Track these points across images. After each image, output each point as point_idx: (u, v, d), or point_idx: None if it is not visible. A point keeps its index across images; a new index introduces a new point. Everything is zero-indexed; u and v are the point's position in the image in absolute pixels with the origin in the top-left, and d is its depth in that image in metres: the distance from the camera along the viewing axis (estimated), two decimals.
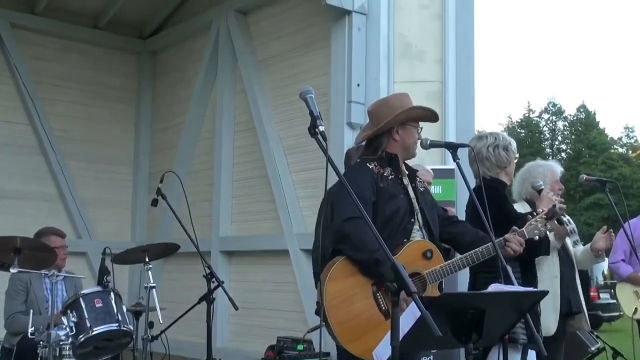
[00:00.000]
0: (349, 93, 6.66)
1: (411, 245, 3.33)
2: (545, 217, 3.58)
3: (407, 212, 3.41)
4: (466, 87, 6.70)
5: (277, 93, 7.98)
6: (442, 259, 3.37)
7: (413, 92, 6.15)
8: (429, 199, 3.65)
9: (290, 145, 7.70)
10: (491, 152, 4.23)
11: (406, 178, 3.58)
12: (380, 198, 3.36)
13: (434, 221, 3.56)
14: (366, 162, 3.50)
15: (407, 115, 3.54)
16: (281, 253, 7.56)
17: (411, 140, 3.54)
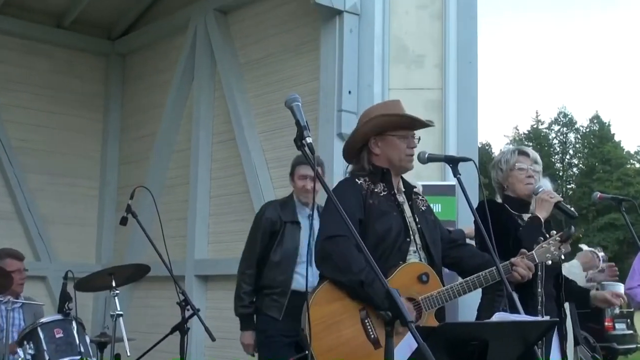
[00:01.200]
0: (340, 101, 6.67)
1: (405, 267, 3.33)
2: (559, 239, 3.59)
3: (401, 232, 3.42)
4: (469, 95, 6.73)
5: (260, 100, 7.98)
6: (439, 284, 3.37)
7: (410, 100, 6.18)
8: (431, 219, 3.66)
9: (275, 158, 7.70)
10: (493, 175, 4.37)
11: (402, 195, 3.59)
12: (369, 216, 3.36)
13: (436, 243, 3.57)
14: (355, 178, 3.51)
15: (377, 125, 3.55)
16: None
17: (394, 152, 3.55)
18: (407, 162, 3.58)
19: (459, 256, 3.66)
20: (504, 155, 4.41)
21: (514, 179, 4.32)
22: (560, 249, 3.60)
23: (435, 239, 3.60)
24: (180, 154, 8.97)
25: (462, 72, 6.74)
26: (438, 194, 6.03)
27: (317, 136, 6.73)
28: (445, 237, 3.72)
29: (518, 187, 4.31)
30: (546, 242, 3.60)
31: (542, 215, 4.13)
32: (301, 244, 5.01)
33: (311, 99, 6.97)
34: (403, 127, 3.57)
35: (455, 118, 6.65)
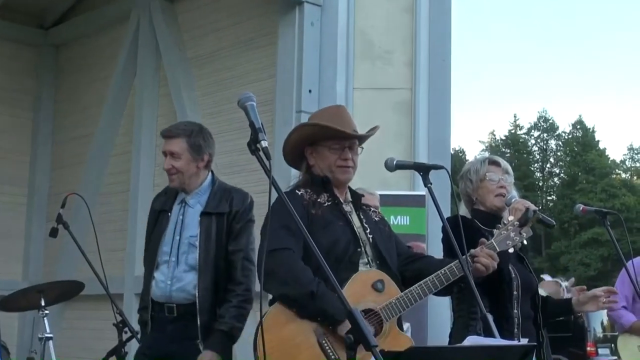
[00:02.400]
0: (299, 101, 6.68)
1: (357, 277, 3.36)
2: (518, 223, 3.65)
3: (350, 243, 3.46)
4: (441, 96, 6.78)
5: (210, 99, 7.96)
6: (396, 289, 3.40)
7: (377, 101, 6.22)
8: (385, 230, 3.70)
9: (226, 164, 7.67)
10: (462, 187, 4.41)
11: (348, 205, 3.63)
12: (312, 227, 3.38)
13: (391, 254, 3.60)
14: (295, 189, 3.56)
15: (302, 135, 3.64)
16: None
17: (324, 163, 3.61)
18: (339, 173, 3.62)
19: (419, 268, 3.69)
20: (473, 165, 4.45)
21: (485, 191, 4.36)
22: (521, 234, 3.66)
23: (391, 251, 3.63)
24: (119, 158, 8.90)
25: (434, 71, 6.80)
26: (406, 205, 6.07)
27: (274, 140, 6.71)
28: (404, 252, 3.75)
29: (489, 199, 4.35)
30: (504, 228, 3.65)
31: None
32: (165, 239, 4.32)
33: (267, 99, 6.97)
34: (334, 138, 3.60)
35: (426, 121, 6.70)
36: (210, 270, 4.19)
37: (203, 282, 4.16)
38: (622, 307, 6.36)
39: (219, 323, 4.11)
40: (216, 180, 4.48)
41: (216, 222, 4.27)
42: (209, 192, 4.39)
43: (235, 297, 4.18)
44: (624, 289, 6.33)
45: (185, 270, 4.21)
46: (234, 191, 4.45)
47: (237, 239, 4.30)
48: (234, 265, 4.24)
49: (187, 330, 4.12)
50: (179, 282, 4.19)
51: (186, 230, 4.27)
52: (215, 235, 4.24)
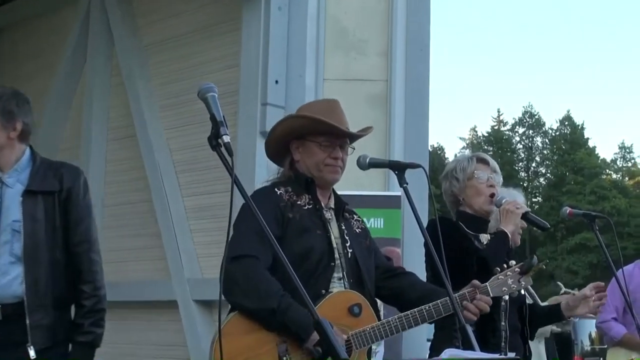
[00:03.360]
0: (264, 93, 6.67)
1: (334, 296, 3.36)
2: (518, 270, 3.64)
3: (324, 254, 3.44)
4: (419, 88, 6.80)
5: (167, 90, 7.92)
6: (373, 317, 3.40)
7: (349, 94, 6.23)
8: (366, 243, 3.69)
9: (184, 160, 7.65)
10: (446, 186, 4.41)
11: (330, 211, 3.62)
12: (287, 232, 3.38)
13: (369, 271, 3.60)
14: (275, 186, 3.54)
15: (291, 127, 3.64)
16: (167, 305, 7.48)
17: (311, 160, 3.60)
18: (327, 173, 3.62)
19: (398, 287, 3.69)
20: (460, 163, 4.47)
21: (473, 191, 4.38)
22: (520, 282, 3.64)
23: (369, 268, 3.62)
24: (66, 153, 8.82)
25: (411, 62, 6.82)
26: (381, 207, 6.08)
27: (237, 134, 6.71)
28: (382, 265, 3.75)
29: (477, 201, 4.37)
30: (503, 273, 3.64)
31: (508, 229, 4.20)
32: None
33: (230, 90, 6.95)
34: (325, 134, 3.60)
35: (403, 116, 6.72)
36: (41, 261, 3.82)
37: (31, 275, 3.78)
38: (612, 318, 6.42)
39: (79, 334, 3.88)
40: (37, 155, 4.05)
41: (43, 203, 3.86)
42: (30, 168, 3.97)
43: (88, 300, 3.90)
44: (614, 299, 6.38)
45: (10, 262, 3.81)
46: (63, 166, 4.05)
47: (78, 226, 3.94)
48: (79, 260, 3.93)
49: (13, 335, 3.75)
50: (3, 277, 3.80)
51: (6, 214, 3.84)
52: (44, 219, 3.84)
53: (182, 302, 7.34)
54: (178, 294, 7.38)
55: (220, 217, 6.96)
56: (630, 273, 6.41)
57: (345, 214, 3.74)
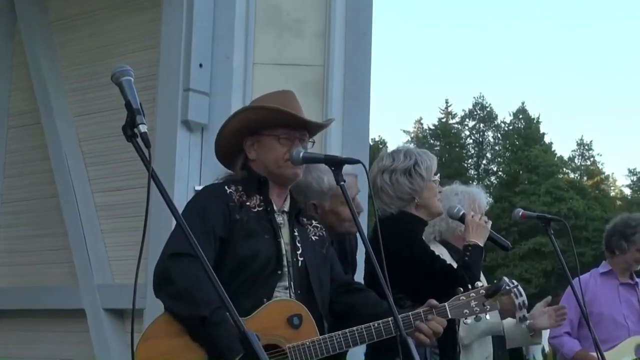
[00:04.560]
0: (187, 77, 6.64)
1: (272, 305, 3.37)
2: (484, 293, 3.63)
3: (270, 260, 3.45)
4: (359, 75, 6.83)
5: (77, 72, 7.86)
6: (315, 330, 3.41)
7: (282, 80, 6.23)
8: (322, 252, 3.69)
9: (95, 152, 7.59)
10: (386, 180, 4.35)
11: (282, 215, 3.62)
12: (233, 234, 3.38)
13: (322, 283, 3.61)
14: (226, 184, 3.54)
15: (246, 120, 3.62)
16: (73, 314, 7.42)
17: (269, 157, 3.62)
18: (287, 169, 3.63)
19: (350, 303, 3.71)
20: (421, 157, 4.42)
21: (432, 193, 4.39)
22: (485, 306, 3.61)
23: (323, 279, 3.63)
24: None
25: (351, 46, 6.84)
26: None
27: (155, 123, 6.68)
28: (338, 278, 3.76)
29: (434, 203, 4.38)
30: (466, 294, 3.63)
31: (482, 242, 4.23)
32: None
33: (148, 73, 6.91)
34: (284, 126, 3.61)
35: (341, 105, 6.74)
36: None
37: None
38: (565, 333, 6.52)
39: None
40: None
41: None
42: None
43: None
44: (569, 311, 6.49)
45: None
46: None
47: None
48: None
49: None
50: None
51: None
52: None
53: (91, 311, 7.28)
54: (86, 302, 7.31)
55: (135, 215, 6.91)
56: (586, 282, 6.53)
57: (302, 219, 3.76)
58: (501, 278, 3.69)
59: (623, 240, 6.62)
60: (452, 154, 58.64)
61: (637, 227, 6.63)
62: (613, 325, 6.51)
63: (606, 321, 6.49)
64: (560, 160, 59.45)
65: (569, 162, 61.23)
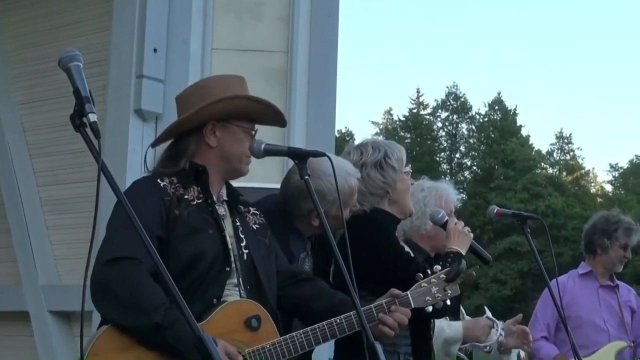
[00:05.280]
0: (140, 63, 6.62)
1: (228, 307, 3.36)
2: (445, 277, 3.67)
3: (218, 257, 3.44)
4: (325, 62, 6.83)
5: (22, 56, 7.81)
6: (275, 332, 3.42)
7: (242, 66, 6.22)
8: (265, 242, 3.69)
9: (41, 142, 7.56)
10: (375, 175, 4.36)
11: (223, 205, 3.61)
12: (174, 233, 3.36)
13: (270, 277, 3.61)
14: (158, 177, 3.51)
15: (227, 107, 3.60)
16: (16, 317, 7.38)
17: (237, 148, 3.60)
18: (246, 165, 3.68)
19: (301, 296, 3.71)
20: (391, 148, 4.41)
21: (404, 186, 4.38)
22: (446, 291, 3.66)
23: (270, 272, 3.63)
24: None
25: (316, 30, 6.84)
26: None
27: (105, 112, 6.65)
28: (284, 269, 3.75)
29: (406, 199, 4.38)
30: (427, 281, 3.65)
31: (463, 251, 4.24)
32: None
33: (98, 58, 6.89)
34: (250, 118, 3.62)
35: (305, 94, 6.74)
36: None
37: None
38: (542, 337, 6.56)
39: None
40: None
41: None
42: None
43: None
44: (545, 314, 6.54)
45: None
46: None
47: None
48: None
49: None
50: None
51: None
52: None
53: (35, 314, 7.25)
54: (30, 304, 7.28)
55: (84, 211, 6.89)
56: (564, 284, 6.56)
57: (240, 207, 3.73)
58: (460, 260, 3.74)
59: (605, 237, 6.64)
60: (423, 146, 58.81)
61: (619, 222, 6.66)
62: (592, 329, 6.54)
63: (585, 325, 6.52)
64: (538, 155, 59.76)
65: (547, 156, 61.57)
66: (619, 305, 6.68)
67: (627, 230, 6.64)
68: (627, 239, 6.63)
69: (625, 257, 6.71)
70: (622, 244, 6.62)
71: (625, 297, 6.79)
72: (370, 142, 4.43)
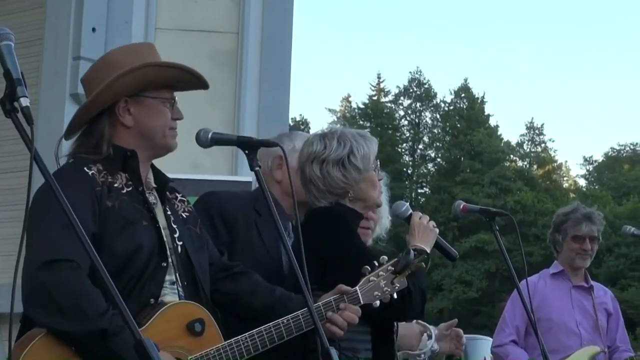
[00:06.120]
0: (77, 43, 6.59)
1: (169, 310, 3.34)
2: (392, 269, 3.68)
3: (154, 252, 3.40)
4: (279, 45, 6.83)
5: None
6: (219, 336, 3.41)
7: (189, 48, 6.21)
8: (196, 232, 3.67)
9: None
10: (316, 172, 4.25)
11: (153, 193, 3.57)
12: (106, 227, 3.32)
13: (202, 270, 3.59)
14: (84, 164, 3.45)
15: (137, 78, 3.52)
16: None
17: (157, 122, 3.54)
18: (171, 138, 3.60)
19: (238, 291, 3.69)
20: (358, 143, 4.28)
21: (370, 184, 4.32)
22: (394, 285, 3.67)
23: (203, 265, 3.60)
24: None
25: (270, 10, 6.84)
26: None
27: (39, 96, 6.61)
28: (216, 261, 3.73)
29: (372, 195, 4.35)
30: (375, 274, 3.66)
31: (428, 248, 4.23)
32: None
33: (32, 37, 6.84)
34: (167, 87, 3.58)
35: (257, 79, 6.74)
36: None
37: None
38: (511, 341, 6.59)
39: None
40: None
41: None
42: None
43: None
44: (514, 317, 6.58)
45: None
46: None
47: None
48: None
49: None
50: None
51: None
52: None
53: None
54: None
55: (15, 203, 6.84)
56: (534, 285, 6.58)
57: (167, 194, 3.68)
58: (408, 250, 3.73)
59: (557, 233, 6.67)
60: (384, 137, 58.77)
61: (570, 213, 6.63)
62: (564, 332, 6.56)
63: (556, 328, 6.54)
64: (507, 146, 60.09)
65: (516, 148, 61.91)
66: (593, 307, 6.69)
67: (575, 221, 6.63)
68: (575, 230, 6.61)
69: (583, 250, 6.66)
70: (571, 235, 6.57)
71: (600, 299, 6.80)
72: (337, 134, 4.23)
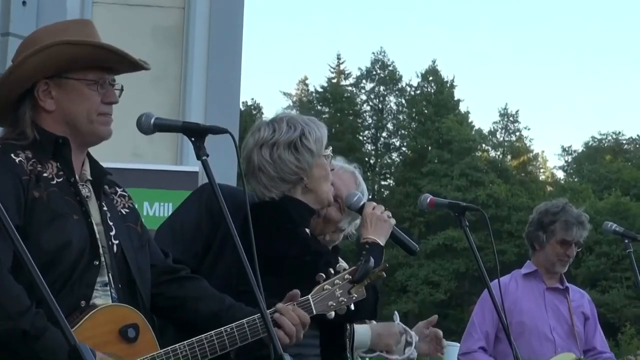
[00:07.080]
0: (6, 18, 6.57)
1: (100, 313, 3.33)
2: (350, 278, 3.69)
3: (84, 250, 3.39)
4: (228, 22, 6.84)
5: None
6: (154, 343, 3.41)
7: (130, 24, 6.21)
8: (136, 230, 3.66)
9: None
10: (266, 157, 4.26)
11: (87, 185, 3.56)
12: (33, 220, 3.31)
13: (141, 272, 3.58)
14: (11, 151, 3.42)
15: (49, 58, 3.47)
16: None
17: (81, 107, 3.50)
18: (101, 125, 3.55)
19: (180, 296, 3.68)
20: (309, 127, 4.31)
21: (322, 172, 4.34)
22: (351, 295, 3.68)
23: (143, 266, 3.59)
24: None
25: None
26: (170, 187, 6.08)
27: None
28: (159, 263, 3.72)
29: (324, 187, 4.36)
30: (330, 282, 3.67)
31: (382, 241, 4.25)
32: None
33: None
34: (95, 68, 3.54)
35: (205, 59, 6.74)
36: None
37: None
38: (480, 348, 6.62)
39: None
40: None
41: None
42: None
43: None
44: (484, 321, 6.59)
45: None
46: None
47: None
48: None
49: None
50: None
51: None
52: None
53: None
54: None
55: None
56: (506, 286, 6.58)
57: (105, 187, 3.66)
58: (368, 257, 3.73)
59: (540, 231, 6.64)
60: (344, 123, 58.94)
61: (559, 213, 6.61)
62: (536, 338, 6.56)
63: (528, 333, 6.54)
64: (478, 135, 60.19)
65: (489, 136, 62.06)
66: (569, 311, 6.70)
67: (565, 224, 6.61)
68: (565, 234, 6.59)
69: (567, 256, 6.68)
70: (559, 239, 6.57)
71: (576, 302, 6.81)
72: (286, 118, 4.30)
